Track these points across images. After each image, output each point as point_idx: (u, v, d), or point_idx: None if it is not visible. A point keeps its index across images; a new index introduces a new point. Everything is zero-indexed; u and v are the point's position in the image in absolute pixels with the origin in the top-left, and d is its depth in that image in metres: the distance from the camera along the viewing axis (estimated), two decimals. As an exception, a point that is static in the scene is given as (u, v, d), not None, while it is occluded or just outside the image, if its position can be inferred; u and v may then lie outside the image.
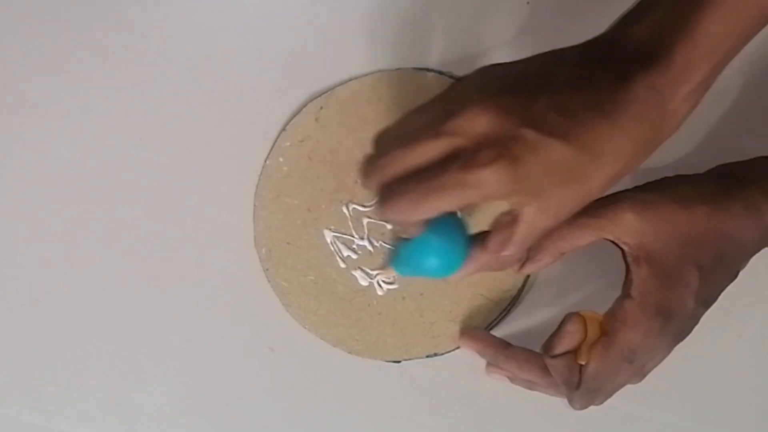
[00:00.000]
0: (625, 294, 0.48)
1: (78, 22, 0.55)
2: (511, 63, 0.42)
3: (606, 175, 0.40)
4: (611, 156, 0.40)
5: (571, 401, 0.51)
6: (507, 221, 0.43)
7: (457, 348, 0.56)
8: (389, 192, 0.41)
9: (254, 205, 0.56)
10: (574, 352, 0.49)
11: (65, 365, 0.58)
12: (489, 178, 0.38)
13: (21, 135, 0.56)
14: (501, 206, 0.42)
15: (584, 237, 0.49)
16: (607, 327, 0.48)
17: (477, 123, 0.39)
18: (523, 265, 0.51)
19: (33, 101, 0.55)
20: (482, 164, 0.38)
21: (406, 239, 0.47)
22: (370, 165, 0.42)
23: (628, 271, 0.49)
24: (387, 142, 0.42)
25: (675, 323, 0.47)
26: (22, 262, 0.57)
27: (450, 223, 0.46)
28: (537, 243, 0.50)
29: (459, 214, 0.49)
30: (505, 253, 0.44)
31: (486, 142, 0.39)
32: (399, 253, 0.48)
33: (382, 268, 0.56)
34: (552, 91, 0.40)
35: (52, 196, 0.56)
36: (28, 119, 0.56)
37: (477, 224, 0.47)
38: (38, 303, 0.57)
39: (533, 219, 0.41)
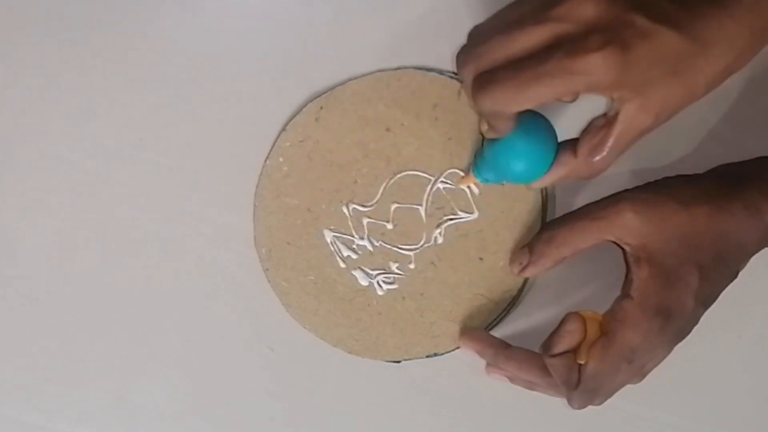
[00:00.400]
0: (625, 294, 0.48)
1: (78, 23, 0.55)
2: None
3: (715, 68, 0.39)
4: (722, 47, 0.39)
5: (569, 401, 0.51)
6: (600, 124, 0.41)
7: (457, 348, 0.56)
8: (488, 79, 0.39)
9: (254, 205, 0.56)
10: (574, 352, 0.49)
11: (65, 365, 0.58)
12: (597, 63, 0.37)
13: (21, 135, 0.56)
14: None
15: (586, 240, 0.49)
16: (607, 327, 0.48)
17: (585, 8, 0.38)
18: (524, 268, 0.51)
19: (33, 101, 0.55)
20: (591, 49, 0.37)
21: (492, 142, 0.45)
22: (466, 52, 0.41)
23: (628, 271, 0.49)
24: (485, 31, 0.40)
25: (675, 323, 0.47)
26: (22, 262, 0.57)
27: (539, 125, 0.45)
28: (539, 248, 0.50)
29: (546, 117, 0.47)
30: (597, 158, 0.42)
31: (594, 27, 0.37)
32: (483, 157, 0.47)
33: (464, 176, 0.53)
34: None
35: (52, 196, 0.56)
36: (28, 119, 0.55)
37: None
38: (38, 303, 0.57)
39: (632, 117, 0.40)
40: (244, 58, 0.55)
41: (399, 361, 0.57)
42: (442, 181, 0.54)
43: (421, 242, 0.55)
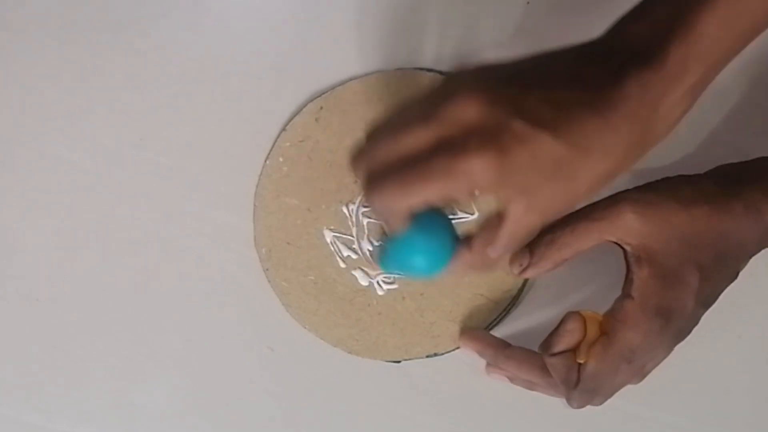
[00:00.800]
0: (626, 294, 0.48)
1: (77, 23, 0.55)
2: (506, 61, 0.42)
3: (594, 173, 0.40)
4: (600, 153, 0.39)
5: (569, 400, 0.51)
6: (494, 221, 0.42)
7: (457, 348, 0.56)
8: (376, 179, 0.41)
9: (254, 205, 0.56)
10: (573, 352, 0.49)
11: (65, 365, 0.58)
12: (475, 166, 0.38)
13: (21, 135, 0.56)
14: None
15: (587, 241, 0.49)
16: (607, 327, 0.48)
17: (467, 111, 0.39)
18: (524, 270, 0.51)
19: (33, 101, 0.55)
20: (469, 152, 0.38)
21: (392, 239, 0.46)
22: (360, 153, 0.42)
23: (628, 271, 0.49)
24: (378, 132, 0.42)
25: (675, 323, 0.47)
26: (22, 262, 0.57)
27: (437, 222, 0.46)
28: (541, 250, 0.50)
29: (446, 213, 0.48)
30: (491, 252, 0.43)
31: (474, 130, 0.38)
32: (386, 251, 0.48)
33: (371, 265, 0.55)
34: (544, 86, 0.39)
35: (52, 196, 0.56)
36: (28, 119, 0.56)
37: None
38: (38, 303, 0.57)
39: (519, 217, 0.41)
40: (244, 58, 0.55)
41: (399, 361, 0.57)
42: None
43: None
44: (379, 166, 0.41)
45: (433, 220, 0.46)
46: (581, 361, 0.49)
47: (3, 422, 0.58)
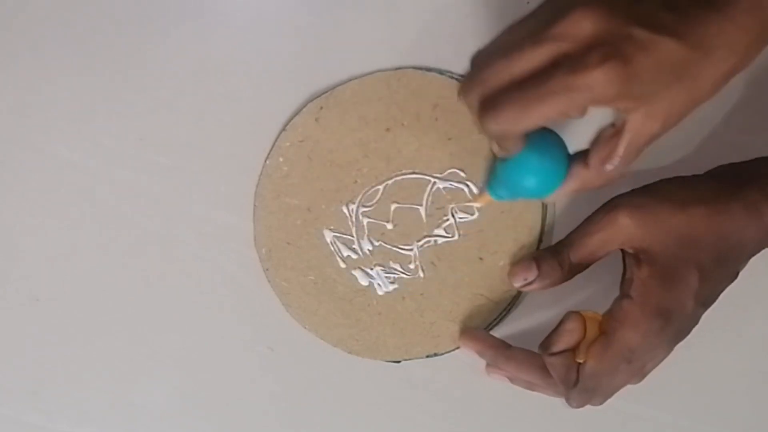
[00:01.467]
0: (625, 294, 0.48)
1: (78, 23, 0.55)
2: None
3: (719, 72, 0.39)
4: (724, 51, 0.39)
5: (567, 399, 0.51)
6: (610, 134, 0.42)
7: (457, 348, 0.56)
8: (492, 103, 0.40)
9: (254, 205, 0.56)
10: (573, 351, 0.49)
11: (65, 365, 0.58)
12: (599, 79, 0.37)
13: (21, 135, 0.56)
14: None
15: (591, 257, 0.49)
16: (607, 327, 0.48)
17: (583, 25, 0.38)
18: (528, 284, 0.51)
19: (33, 101, 0.55)
20: (591, 65, 0.37)
21: (503, 160, 0.45)
22: (469, 80, 0.41)
23: (625, 271, 0.49)
24: (487, 56, 0.41)
25: (674, 324, 0.47)
26: (22, 261, 0.57)
27: (549, 141, 0.45)
28: (546, 268, 0.50)
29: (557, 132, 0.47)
30: (609, 166, 0.43)
31: (594, 43, 0.38)
32: (496, 175, 0.47)
33: (478, 194, 0.54)
34: None
35: (52, 196, 0.56)
36: (28, 119, 0.56)
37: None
38: (38, 303, 0.57)
39: (640, 126, 0.40)
40: (244, 58, 0.55)
41: (399, 361, 0.57)
42: (442, 181, 0.54)
43: (422, 242, 0.55)
44: (494, 90, 0.40)
45: (545, 138, 0.45)
46: (580, 361, 0.49)
47: (3, 422, 0.58)
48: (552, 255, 0.50)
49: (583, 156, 0.45)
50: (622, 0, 0.38)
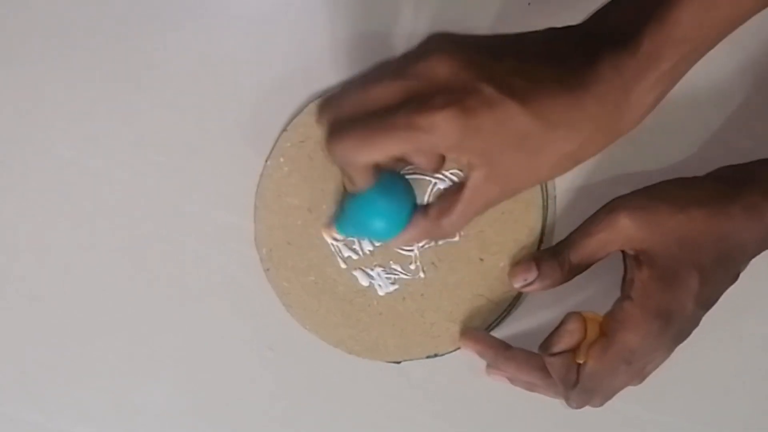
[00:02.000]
0: (625, 296, 0.48)
1: (78, 23, 0.55)
2: (487, 34, 0.42)
3: (558, 151, 0.40)
4: (566, 131, 0.39)
5: (567, 400, 0.51)
6: (453, 190, 0.42)
7: (458, 349, 0.56)
8: (339, 128, 0.40)
9: (255, 206, 0.56)
10: (573, 352, 0.49)
11: (65, 365, 0.58)
12: (439, 123, 0.38)
13: (21, 135, 0.56)
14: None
15: (593, 257, 0.49)
16: (607, 328, 0.48)
17: (438, 69, 0.39)
18: (528, 285, 0.51)
19: (33, 101, 0.55)
20: (434, 108, 0.38)
21: (352, 197, 0.46)
22: (326, 101, 0.42)
23: (626, 272, 0.49)
24: (349, 84, 0.42)
25: (675, 325, 0.47)
26: (22, 261, 0.57)
27: (398, 186, 0.47)
28: (546, 269, 0.50)
29: (407, 178, 0.48)
30: (445, 220, 0.43)
31: (443, 88, 0.38)
32: (344, 212, 0.48)
33: (326, 227, 0.55)
34: (519, 58, 0.40)
35: (52, 196, 0.56)
36: (28, 119, 0.55)
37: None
38: (38, 302, 0.57)
39: (479, 185, 0.41)
40: (245, 58, 0.55)
41: (399, 362, 0.57)
42: (442, 182, 0.54)
43: (422, 243, 0.55)
44: (345, 115, 0.40)
45: (395, 182, 0.46)
46: (581, 362, 0.49)
47: (3, 422, 0.58)
48: (552, 256, 0.50)
49: (426, 207, 0.46)
50: (482, 57, 0.39)
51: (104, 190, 0.56)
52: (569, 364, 0.49)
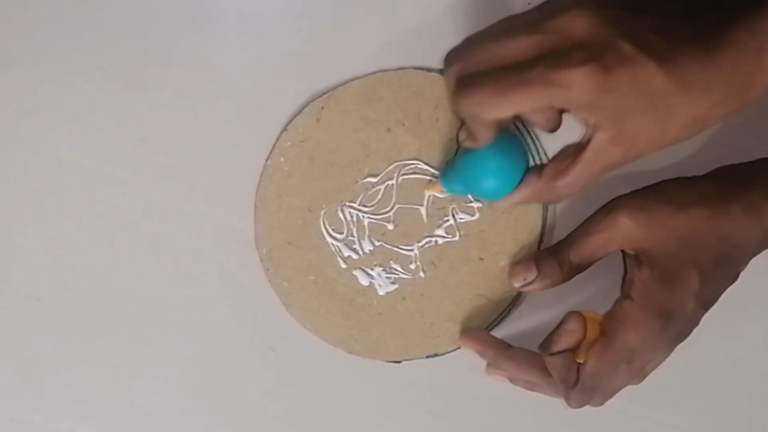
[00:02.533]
0: (625, 295, 0.48)
1: (78, 23, 0.54)
2: None
3: (689, 113, 0.39)
4: (700, 92, 0.39)
5: (567, 399, 0.51)
6: (571, 151, 0.42)
7: (458, 348, 0.56)
8: (470, 81, 0.40)
9: (255, 205, 0.56)
10: (573, 351, 0.49)
11: (65, 365, 0.58)
12: (576, 79, 0.37)
13: (21, 135, 0.56)
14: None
15: (593, 257, 0.49)
16: (607, 327, 0.48)
17: (576, 25, 0.38)
18: (527, 285, 0.51)
19: (33, 101, 0.55)
20: (572, 64, 0.38)
21: (465, 154, 0.45)
22: (455, 52, 0.41)
23: (626, 272, 0.49)
24: (479, 36, 0.41)
25: (675, 325, 0.47)
26: (22, 261, 0.57)
27: (514, 145, 0.46)
28: (546, 268, 0.50)
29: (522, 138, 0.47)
30: (560, 182, 0.43)
31: (581, 44, 0.38)
32: (454, 168, 0.47)
33: (431, 183, 0.54)
34: (657, 16, 0.39)
35: (52, 196, 0.56)
36: (29, 119, 0.55)
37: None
38: (39, 302, 0.57)
39: (602, 147, 0.40)
40: (245, 58, 0.55)
41: (399, 362, 0.57)
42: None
43: (422, 243, 0.55)
44: (476, 67, 0.40)
45: (510, 141, 0.45)
46: (580, 361, 0.49)
47: (3, 422, 0.58)
48: (552, 255, 0.50)
49: (541, 167, 0.45)
50: (621, 13, 0.39)
51: (104, 190, 0.56)
52: (569, 363, 0.49)
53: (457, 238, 0.55)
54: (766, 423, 0.57)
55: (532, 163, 0.45)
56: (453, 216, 0.55)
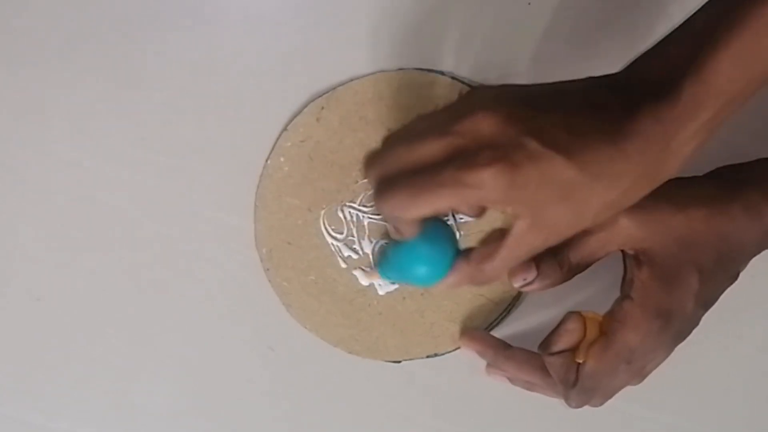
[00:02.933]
0: (625, 295, 0.48)
1: (78, 22, 0.55)
2: (527, 84, 0.43)
3: (602, 200, 0.40)
4: (610, 181, 0.40)
5: (567, 399, 0.51)
6: (496, 236, 0.43)
7: (458, 348, 0.56)
8: (387, 185, 0.41)
9: (255, 205, 0.56)
10: (573, 351, 0.49)
11: (65, 365, 0.58)
12: (486, 179, 0.38)
13: (21, 135, 0.56)
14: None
15: (594, 257, 0.49)
16: (607, 327, 0.48)
17: (483, 125, 0.39)
18: (527, 285, 0.51)
19: (33, 101, 0.55)
20: (480, 165, 0.39)
21: (396, 244, 0.47)
22: (372, 158, 0.43)
23: (625, 271, 0.49)
24: (394, 139, 0.42)
25: (675, 325, 0.47)
26: (22, 261, 0.57)
27: (440, 231, 0.47)
28: (545, 268, 0.50)
29: (453, 226, 0.50)
30: (487, 267, 0.44)
31: (488, 145, 0.39)
32: (387, 257, 0.48)
33: (368, 272, 0.56)
34: (561, 111, 0.40)
35: (52, 196, 0.56)
36: (29, 119, 0.55)
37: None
38: (38, 302, 0.57)
39: (523, 234, 0.41)
40: (245, 57, 0.55)
41: (399, 362, 0.57)
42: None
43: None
44: (392, 171, 0.41)
45: (437, 229, 0.47)
46: (580, 361, 0.49)
47: (3, 422, 0.58)
48: (552, 256, 0.50)
49: (469, 252, 0.46)
50: (525, 112, 0.40)
51: (104, 190, 0.56)
52: (569, 363, 0.49)
53: (457, 238, 0.55)
54: (766, 423, 0.57)
55: (462, 246, 0.47)
56: (453, 216, 0.55)
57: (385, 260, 0.49)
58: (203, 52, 0.55)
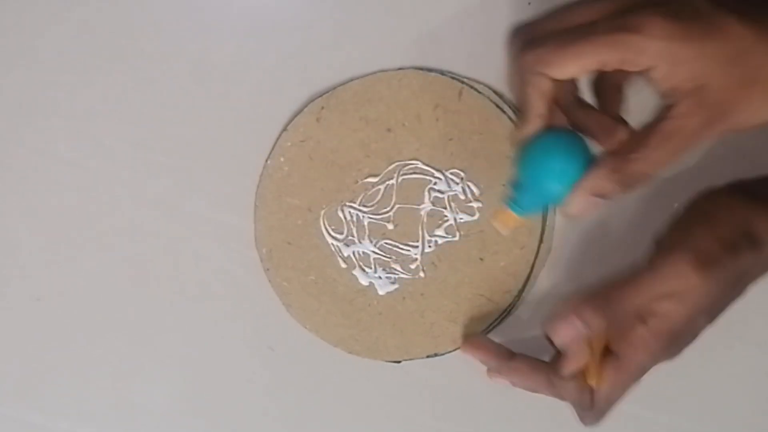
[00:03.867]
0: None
1: (78, 22, 0.54)
2: None
3: None
4: None
5: (582, 420, 0.50)
6: (645, 127, 0.38)
7: (458, 348, 0.56)
8: (537, 41, 0.37)
9: (255, 205, 0.55)
10: (584, 373, 0.49)
11: (65, 365, 0.58)
12: (646, 22, 0.34)
13: (21, 135, 0.56)
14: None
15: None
16: (616, 347, 0.48)
17: None
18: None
19: (33, 101, 0.55)
20: (643, 12, 0.35)
21: (525, 158, 0.43)
22: (522, 24, 0.39)
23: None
24: (547, 12, 0.39)
25: (683, 341, 0.47)
26: (22, 261, 0.57)
27: (571, 137, 0.43)
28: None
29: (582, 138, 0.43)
30: (634, 155, 0.38)
31: (654, 2, 0.35)
32: (518, 184, 0.46)
33: (498, 213, 0.48)
34: None
35: (52, 196, 0.56)
36: (28, 119, 0.55)
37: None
38: (39, 302, 0.57)
39: (684, 113, 0.35)
40: (245, 57, 0.55)
41: (399, 362, 0.57)
42: (443, 182, 0.54)
43: (422, 242, 0.55)
44: (541, 33, 0.37)
45: (566, 133, 0.43)
46: (592, 383, 0.48)
47: (3, 422, 0.58)
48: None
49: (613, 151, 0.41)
50: None
51: (104, 191, 0.56)
52: (582, 386, 0.49)
53: (457, 238, 0.55)
54: (766, 423, 0.57)
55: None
56: (453, 216, 0.55)
57: (516, 188, 0.45)
58: (203, 52, 0.55)
